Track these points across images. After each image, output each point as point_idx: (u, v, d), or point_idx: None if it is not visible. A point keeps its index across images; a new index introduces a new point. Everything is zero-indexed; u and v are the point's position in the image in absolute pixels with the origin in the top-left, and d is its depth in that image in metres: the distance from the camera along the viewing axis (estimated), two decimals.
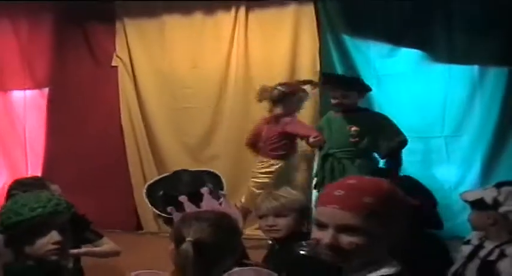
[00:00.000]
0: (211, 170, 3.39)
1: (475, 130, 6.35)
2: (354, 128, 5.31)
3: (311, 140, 5.52)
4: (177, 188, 3.03)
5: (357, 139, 5.32)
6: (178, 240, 2.08)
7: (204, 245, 2.05)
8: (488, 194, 3.04)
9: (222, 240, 2.10)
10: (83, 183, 6.73)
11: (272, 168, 5.87)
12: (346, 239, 1.74)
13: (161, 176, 3.27)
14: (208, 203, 2.64)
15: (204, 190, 2.73)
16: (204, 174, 3.27)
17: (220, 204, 2.68)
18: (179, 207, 2.61)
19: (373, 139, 5.34)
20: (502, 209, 2.99)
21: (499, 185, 3.10)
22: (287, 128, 5.80)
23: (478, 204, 3.09)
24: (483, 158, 6.31)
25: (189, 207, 2.60)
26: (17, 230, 2.45)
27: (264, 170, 5.93)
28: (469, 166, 6.35)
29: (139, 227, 7.08)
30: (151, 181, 3.37)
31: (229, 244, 2.16)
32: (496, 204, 3.00)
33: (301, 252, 2.86)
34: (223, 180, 3.23)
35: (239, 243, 2.27)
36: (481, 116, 6.34)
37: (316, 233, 1.80)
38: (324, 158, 5.49)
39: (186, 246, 2.03)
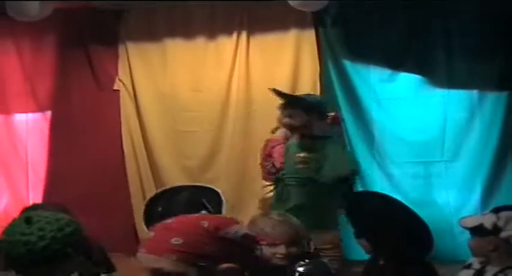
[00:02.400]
0: (212, 187, 3.36)
1: (475, 155, 6.37)
2: (301, 154, 5.19)
3: None
4: (175, 207, 3.00)
5: (301, 166, 5.17)
6: None
7: None
8: (488, 220, 3.04)
9: None
10: (83, 205, 6.70)
11: None
12: None
13: (161, 190, 3.22)
14: None
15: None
16: (203, 192, 3.25)
17: None
18: None
19: (320, 167, 5.13)
20: (503, 234, 2.98)
21: (497, 210, 3.10)
22: None
23: (477, 231, 3.09)
24: (483, 183, 6.32)
25: None
26: None
27: None
28: (469, 191, 6.36)
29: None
30: (151, 196, 3.33)
31: None
32: (496, 229, 3.00)
33: (299, 270, 2.90)
34: (223, 198, 3.21)
35: None
36: (480, 140, 6.37)
37: None
38: (276, 183, 5.40)
39: None
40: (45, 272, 2.37)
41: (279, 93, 5.37)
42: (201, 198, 3.05)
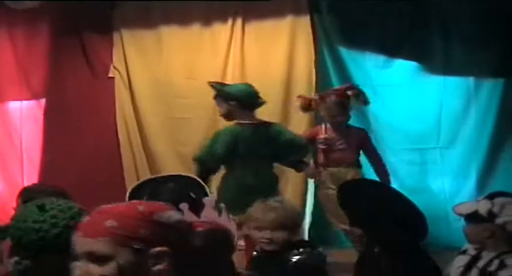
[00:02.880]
0: (196, 178, 3.35)
1: (471, 141, 6.38)
2: None
3: None
4: (162, 195, 2.98)
5: None
6: None
7: None
8: (482, 206, 3.00)
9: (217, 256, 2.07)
10: (78, 192, 6.66)
11: None
12: (95, 270, 1.62)
13: (146, 179, 3.20)
14: (209, 215, 2.61)
15: (206, 200, 2.70)
16: (189, 182, 3.23)
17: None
18: None
19: None
20: (498, 221, 2.96)
21: (491, 196, 3.06)
22: None
23: (472, 217, 3.06)
24: (478, 170, 6.34)
25: (191, 217, 2.59)
26: None
27: None
28: (464, 177, 6.38)
29: None
30: (134, 185, 3.31)
31: (224, 260, 2.13)
32: (491, 216, 2.97)
33: (293, 259, 2.90)
34: (207, 189, 3.20)
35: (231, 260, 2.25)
36: (476, 127, 6.37)
37: None
38: None
39: None
40: (56, 260, 2.37)
41: (210, 84, 5.58)
42: (187, 189, 3.02)
